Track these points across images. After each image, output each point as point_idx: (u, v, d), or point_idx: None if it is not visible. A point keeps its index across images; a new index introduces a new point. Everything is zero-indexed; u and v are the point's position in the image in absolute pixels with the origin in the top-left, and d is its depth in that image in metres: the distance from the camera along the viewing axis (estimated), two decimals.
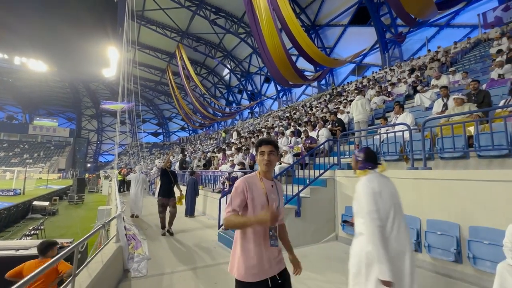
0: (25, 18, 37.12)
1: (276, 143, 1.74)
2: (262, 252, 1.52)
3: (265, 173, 1.66)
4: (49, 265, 1.60)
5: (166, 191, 5.55)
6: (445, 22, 18.06)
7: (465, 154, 3.79)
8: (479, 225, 3.05)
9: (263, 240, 1.55)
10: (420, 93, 6.72)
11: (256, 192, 1.59)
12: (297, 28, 17.27)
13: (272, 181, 1.69)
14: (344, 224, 4.67)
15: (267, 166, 1.63)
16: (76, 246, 1.95)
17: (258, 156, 1.67)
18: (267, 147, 1.63)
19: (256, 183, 1.62)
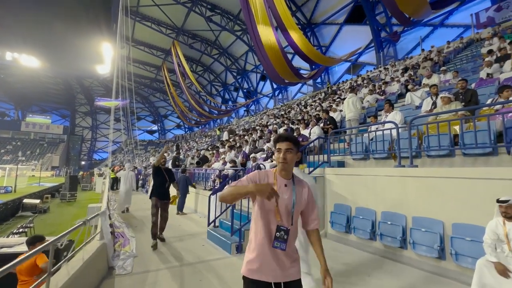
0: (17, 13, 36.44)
1: (296, 139, 1.58)
2: (264, 250, 1.43)
3: (282, 173, 1.54)
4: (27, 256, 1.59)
5: (161, 193, 4.80)
6: (439, 22, 18.21)
7: (450, 152, 3.83)
8: (462, 222, 3.09)
9: (268, 238, 1.45)
10: (411, 92, 6.76)
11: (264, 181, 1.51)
12: (293, 26, 17.23)
13: (288, 181, 1.55)
14: (333, 221, 4.70)
15: (283, 165, 1.51)
16: (52, 242, 1.92)
17: (276, 153, 1.56)
18: (284, 144, 1.51)
19: (269, 177, 1.54)
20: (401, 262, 3.61)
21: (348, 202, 4.60)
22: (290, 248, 1.47)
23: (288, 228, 1.46)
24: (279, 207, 1.47)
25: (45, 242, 2.80)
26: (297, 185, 1.56)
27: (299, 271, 1.51)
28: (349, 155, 5.49)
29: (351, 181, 4.62)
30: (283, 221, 1.46)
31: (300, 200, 1.53)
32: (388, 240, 3.74)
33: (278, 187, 1.49)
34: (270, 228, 1.46)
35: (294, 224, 1.50)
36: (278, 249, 1.43)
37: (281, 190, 1.49)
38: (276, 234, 1.44)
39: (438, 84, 7.26)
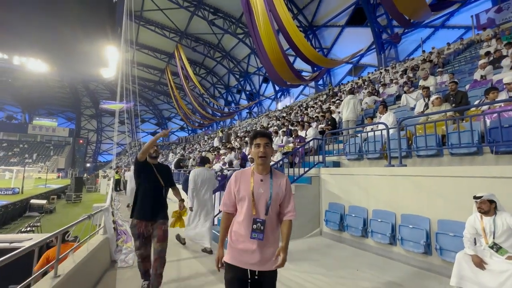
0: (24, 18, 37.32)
1: (271, 135, 1.71)
2: (244, 240, 1.55)
3: (259, 167, 1.63)
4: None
5: (147, 206, 2.73)
6: (440, 23, 18.26)
7: (438, 152, 3.97)
8: (447, 218, 3.22)
9: (247, 230, 1.55)
10: (406, 93, 6.89)
11: (243, 186, 1.61)
12: (294, 29, 17.42)
13: (264, 175, 1.63)
14: (327, 220, 4.85)
15: (263, 159, 1.59)
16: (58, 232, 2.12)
17: (253, 148, 1.62)
18: (263, 139, 1.59)
19: (246, 177, 1.64)
20: (391, 258, 3.75)
21: (342, 201, 4.74)
22: (268, 238, 1.57)
23: (264, 219, 1.56)
24: (255, 201, 1.58)
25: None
26: (275, 178, 1.66)
27: (274, 261, 1.56)
28: (344, 156, 5.63)
29: (344, 181, 4.77)
30: (259, 214, 1.57)
31: (278, 191, 1.62)
32: (378, 237, 3.88)
33: (254, 183, 1.60)
34: (249, 221, 1.57)
35: (271, 215, 1.60)
36: (256, 239, 1.53)
37: (257, 186, 1.60)
38: (253, 226, 1.55)
39: (434, 85, 7.40)
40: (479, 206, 2.57)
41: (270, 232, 1.59)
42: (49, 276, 1.99)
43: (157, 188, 2.80)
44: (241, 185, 1.62)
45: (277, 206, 1.65)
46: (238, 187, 1.62)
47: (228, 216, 1.69)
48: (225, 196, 1.69)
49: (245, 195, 1.59)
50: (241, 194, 1.60)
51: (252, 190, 1.58)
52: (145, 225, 2.64)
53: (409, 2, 13.54)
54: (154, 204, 2.73)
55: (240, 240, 1.57)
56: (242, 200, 1.61)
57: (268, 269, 1.55)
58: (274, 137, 8.74)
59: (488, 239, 2.56)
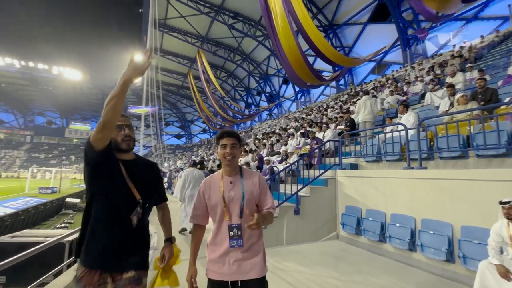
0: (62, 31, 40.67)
1: (239, 136, 1.59)
2: (222, 251, 1.44)
3: (226, 168, 1.54)
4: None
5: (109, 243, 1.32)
6: (473, 15, 17.00)
7: (463, 154, 3.72)
8: (471, 224, 3.02)
9: (224, 239, 1.46)
10: (431, 92, 6.52)
11: (213, 192, 1.52)
12: (313, 29, 17.17)
13: (234, 177, 1.55)
14: (343, 223, 4.73)
15: (230, 161, 1.50)
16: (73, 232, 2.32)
17: (219, 149, 1.53)
18: (229, 140, 1.50)
19: (215, 182, 1.54)
20: (409, 265, 3.58)
21: (358, 204, 4.61)
22: (248, 242, 1.47)
23: (239, 223, 1.46)
24: (227, 206, 1.48)
25: None
26: (246, 178, 1.56)
27: (260, 269, 1.46)
28: (362, 158, 5.47)
29: (362, 183, 4.64)
30: (232, 219, 1.48)
31: (251, 191, 1.52)
32: (397, 242, 3.72)
33: (224, 187, 1.51)
34: (224, 229, 1.47)
35: (246, 217, 1.46)
36: (236, 246, 1.43)
37: (227, 189, 1.51)
38: (230, 234, 1.44)
39: (463, 82, 6.94)
40: (507, 212, 2.38)
41: (247, 236, 1.47)
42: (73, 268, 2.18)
43: (128, 206, 1.38)
44: (211, 192, 1.52)
45: (253, 207, 1.54)
46: (209, 195, 1.52)
47: (199, 228, 1.57)
48: (195, 207, 1.56)
49: (216, 201, 1.49)
50: (212, 201, 1.50)
51: (223, 194, 1.49)
52: (99, 279, 1.29)
53: None
54: (122, 237, 1.35)
55: (217, 251, 1.46)
56: (214, 208, 1.50)
57: (252, 277, 1.43)
58: (290, 139, 8.69)
59: None
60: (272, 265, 3.57)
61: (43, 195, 16.71)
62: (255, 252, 1.48)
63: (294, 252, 4.13)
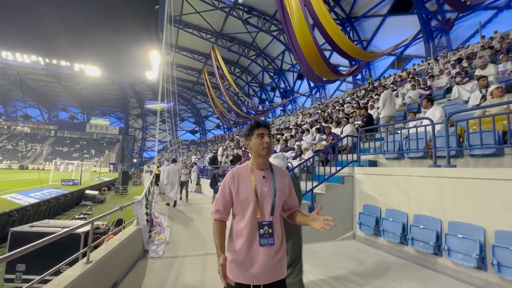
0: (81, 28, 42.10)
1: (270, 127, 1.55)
2: (247, 250, 1.34)
3: (259, 162, 1.44)
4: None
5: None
6: (505, 4, 15.78)
7: (498, 151, 3.39)
8: (507, 229, 2.73)
9: (252, 238, 1.35)
10: (458, 85, 6.07)
11: (243, 185, 1.40)
12: (330, 22, 16.64)
13: (266, 171, 1.45)
14: (361, 223, 4.51)
15: (268, 150, 1.41)
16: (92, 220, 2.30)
17: (255, 139, 1.43)
18: (266, 130, 1.44)
19: (245, 175, 1.43)
20: (434, 270, 3.32)
21: (378, 203, 4.37)
22: (278, 241, 1.39)
23: (271, 220, 1.38)
24: (259, 203, 1.38)
25: None
26: (276, 174, 1.48)
27: (286, 269, 1.43)
28: (382, 155, 5.18)
29: (381, 181, 4.38)
30: (264, 216, 1.38)
31: (282, 188, 1.45)
32: (420, 245, 3.47)
33: (256, 182, 1.40)
34: (253, 226, 1.36)
35: (276, 215, 1.42)
36: (266, 245, 1.34)
37: (259, 184, 1.41)
38: (260, 231, 1.35)
39: (495, 75, 6.41)
40: None
41: (277, 235, 1.40)
42: (82, 262, 2.16)
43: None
44: (241, 185, 1.40)
45: (281, 205, 1.48)
46: (238, 188, 1.39)
47: (222, 224, 1.42)
48: (219, 201, 1.42)
49: (247, 196, 1.38)
50: (241, 196, 1.39)
51: (255, 189, 1.38)
52: None
53: None
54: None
55: (242, 251, 1.34)
56: (244, 203, 1.39)
57: (278, 278, 1.36)
58: (305, 135, 8.46)
59: None
60: None
61: (65, 186, 17.49)
62: (283, 251, 1.42)
63: (309, 252, 3.96)
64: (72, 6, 40.01)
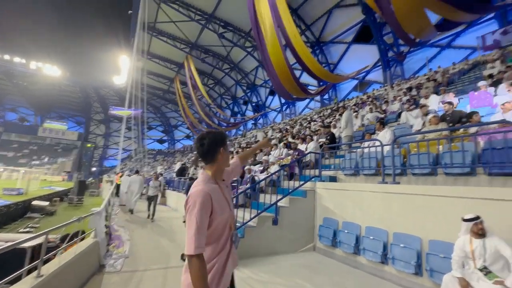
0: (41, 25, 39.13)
1: None
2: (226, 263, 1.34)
3: (221, 172, 1.44)
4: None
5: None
6: (446, 43, 18.38)
7: (433, 171, 3.94)
8: (438, 239, 3.17)
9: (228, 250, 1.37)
10: (407, 111, 6.90)
11: (220, 201, 1.34)
12: (301, 45, 17.75)
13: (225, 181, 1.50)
14: (321, 235, 4.79)
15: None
16: (47, 232, 2.18)
17: (224, 152, 1.40)
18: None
19: (216, 189, 1.36)
20: (382, 278, 3.66)
21: (336, 216, 4.70)
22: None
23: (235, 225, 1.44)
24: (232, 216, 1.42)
25: None
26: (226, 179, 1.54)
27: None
28: (341, 171, 5.62)
29: (339, 196, 4.75)
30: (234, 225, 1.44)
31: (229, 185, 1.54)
32: (370, 255, 3.81)
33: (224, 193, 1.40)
34: (226, 240, 1.37)
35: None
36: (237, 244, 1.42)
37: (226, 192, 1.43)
38: (233, 239, 1.40)
39: (436, 104, 7.41)
40: (482, 227, 2.51)
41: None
42: (31, 276, 2.04)
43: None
44: (220, 204, 1.33)
45: None
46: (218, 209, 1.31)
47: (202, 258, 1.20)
48: (200, 231, 1.20)
49: (227, 213, 1.36)
50: (223, 215, 1.33)
51: (226, 199, 1.39)
52: None
53: (414, 22, 13.70)
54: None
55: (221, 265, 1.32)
56: (222, 222, 1.33)
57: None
58: (273, 149, 8.78)
59: (477, 262, 2.51)
60: (248, 276, 3.53)
61: (7, 196, 15.54)
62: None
63: (271, 263, 4.11)
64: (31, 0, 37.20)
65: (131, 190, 8.84)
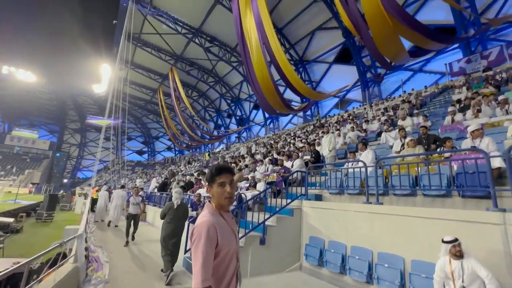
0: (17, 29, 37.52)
1: (234, 171, 1.48)
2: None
3: (223, 205, 1.39)
4: None
5: None
6: (418, 68, 19.90)
7: (412, 192, 4.18)
8: (419, 259, 3.32)
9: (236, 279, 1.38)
10: (386, 132, 7.31)
11: (226, 234, 1.32)
12: (285, 62, 18.39)
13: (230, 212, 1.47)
14: (307, 254, 4.82)
15: (229, 201, 1.38)
16: (27, 262, 2.04)
17: (216, 187, 1.36)
18: (228, 177, 1.36)
19: (221, 224, 1.33)
20: None
21: (322, 235, 4.78)
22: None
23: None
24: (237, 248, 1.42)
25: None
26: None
27: None
28: (326, 189, 5.77)
29: (325, 215, 4.85)
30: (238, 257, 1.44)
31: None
32: (356, 274, 3.89)
33: (232, 226, 1.40)
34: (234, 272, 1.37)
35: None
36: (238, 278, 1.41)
37: (234, 226, 1.42)
38: (238, 273, 1.40)
39: (411, 126, 7.91)
40: (459, 249, 2.68)
41: None
42: None
43: None
44: (225, 236, 1.32)
45: None
46: (223, 241, 1.29)
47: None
48: (206, 264, 1.19)
49: (233, 245, 1.35)
50: (230, 246, 1.32)
51: (234, 234, 1.39)
52: None
53: (390, 47, 14.77)
54: None
55: None
56: (229, 253, 1.33)
57: None
58: (259, 165, 8.85)
59: (456, 282, 2.66)
60: None
61: None
62: None
63: (258, 284, 4.06)
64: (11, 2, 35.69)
65: (113, 205, 9.15)
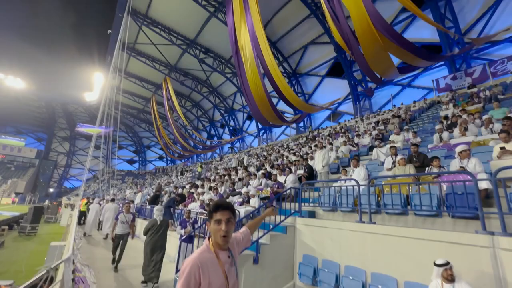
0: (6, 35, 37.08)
1: (234, 207, 1.44)
2: None
3: (223, 246, 1.38)
4: None
5: None
6: (407, 83, 20.58)
7: (404, 211, 4.24)
8: (412, 280, 3.34)
9: None
10: (377, 147, 7.45)
11: (214, 275, 1.29)
12: (278, 74, 18.72)
13: (229, 250, 1.42)
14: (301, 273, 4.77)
15: (225, 240, 1.34)
16: None
17: (213, 224, 1.36)
18: (225, 214, 1.34)
19: (211, 261, 1.32)
20: None
21: (315, 254, 4.75)
22: None
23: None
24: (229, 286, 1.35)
25: None
26: (232, 248, 1.48)
27: None
28: (319, 206, 5.78)
29: (319, 233, 4.84)
30: None
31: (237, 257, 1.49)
32: None
33: (224, 267, 1.35)
34: None
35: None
36: None
37: (228, 268, 1.37)
38: None
39: (402, 142, 8.10)
40: (451, 273, 2.71)
41: None
42: None
43: None
44: (211, 276, 1.29)
45: None
46: (208, 279, 1.27)
47: None
48: None
49: (220, 286, 1.31)
50: (214, 286, 1.29)
51: (226, 276, 1.33)
52: None
53: (380, 63, 15.30)
54: None
55: None
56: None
57: None
58: (252, 179, 8.81)
59: None
60: None
61: None
62: None
63: None
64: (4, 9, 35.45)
65: (106, 218, 9.66)
